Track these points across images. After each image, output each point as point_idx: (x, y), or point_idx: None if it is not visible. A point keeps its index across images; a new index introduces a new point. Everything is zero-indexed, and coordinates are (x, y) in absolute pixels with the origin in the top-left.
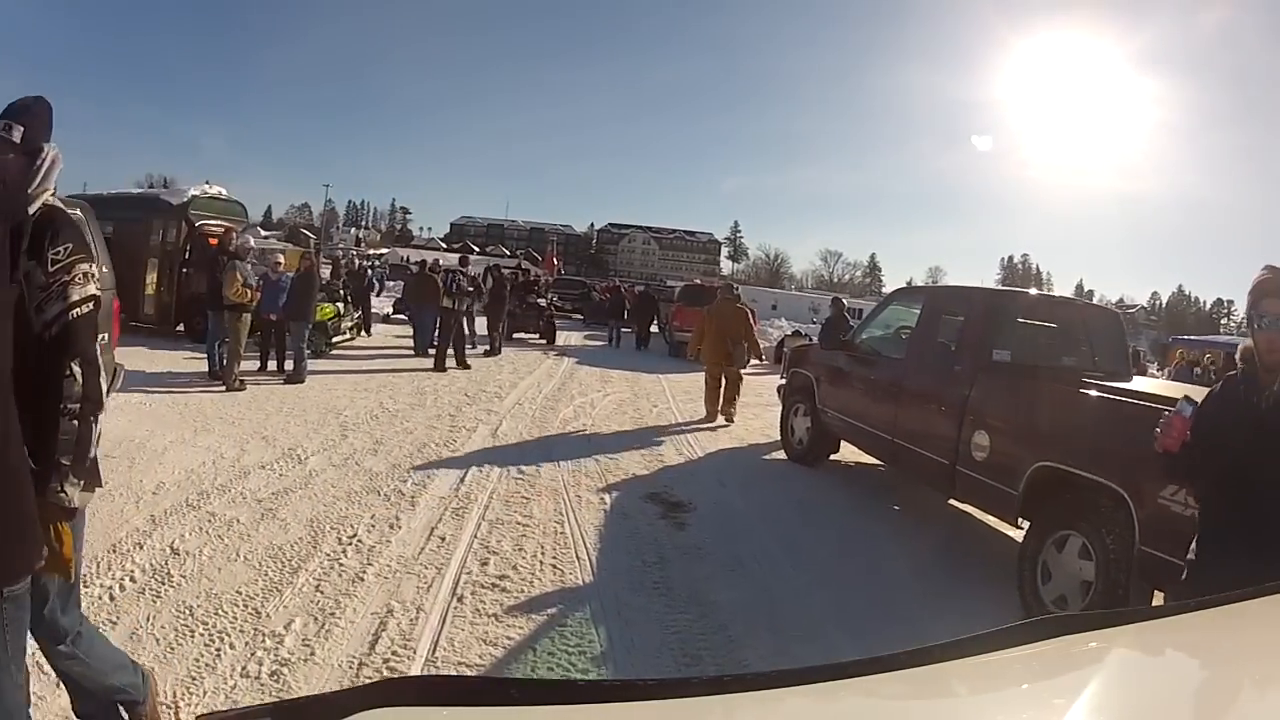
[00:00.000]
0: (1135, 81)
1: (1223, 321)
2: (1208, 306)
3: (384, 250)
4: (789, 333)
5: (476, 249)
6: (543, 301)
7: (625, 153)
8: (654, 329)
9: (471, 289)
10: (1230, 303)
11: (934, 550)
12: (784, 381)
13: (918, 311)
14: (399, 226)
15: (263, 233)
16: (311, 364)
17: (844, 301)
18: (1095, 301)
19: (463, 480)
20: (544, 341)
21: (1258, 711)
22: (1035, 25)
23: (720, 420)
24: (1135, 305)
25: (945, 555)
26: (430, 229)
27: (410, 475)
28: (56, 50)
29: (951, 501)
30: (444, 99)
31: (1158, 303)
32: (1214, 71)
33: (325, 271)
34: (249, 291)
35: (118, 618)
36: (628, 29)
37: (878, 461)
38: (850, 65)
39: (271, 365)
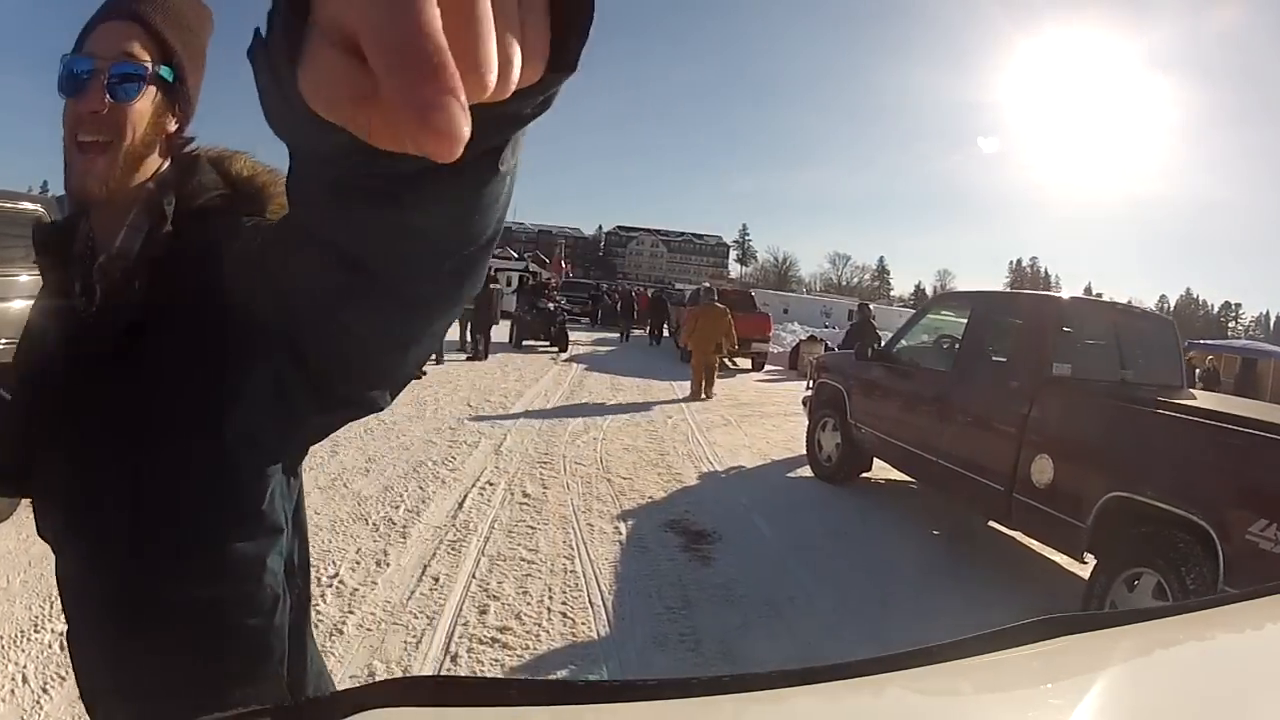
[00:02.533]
0: (1142, 82)
1: (1230, 325)
2: (1215, 310)
3: None
4: (804, 337)
5: None
6: (553, 306)
7: (633, 155)
8: (665, 332)
9: None
10: (1238, 306)
11: (984, 585)
12: (810, 392)
13: (964, 319)
14: None
15: None
16: None
17: (870, 307)
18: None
19: (461, 506)
20: (555, 349)
21: (1258, 711)
22: (1043, 26)
23: (703, 396)
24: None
25: (999, 592)
26: None
27: (403, 500)
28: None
29: (992, 524)
30: None
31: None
32: (1222, 73)
33: None
34: None
35: (66, 674)
36: (636, 32)
37: (909, 478)
38: (857, 67)
39: None
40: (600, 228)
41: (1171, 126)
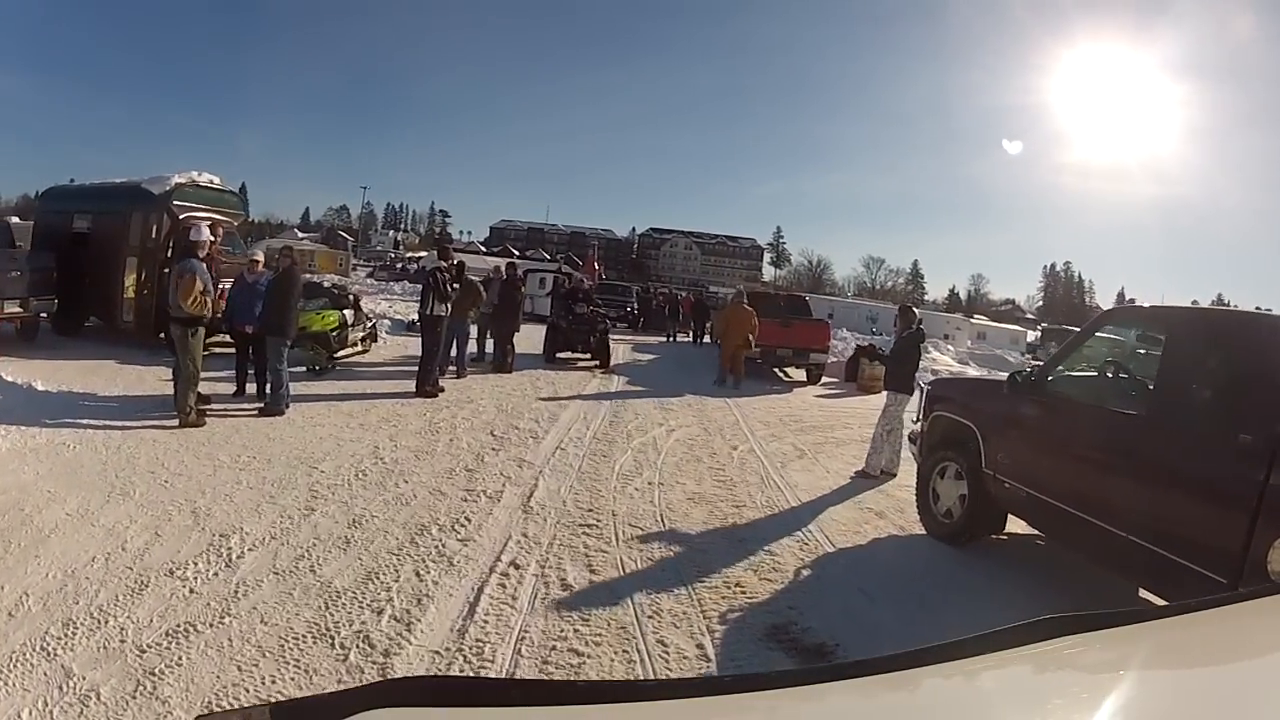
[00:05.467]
0: (1175, 85)
1: None
2: None
3: (423, 254)
4: (863, 345)
5: (517, 252)
6: (592, 311)
7: (666, 156)
8: (706, 335)
9: (453, 287)
10: (1269, 310)
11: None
12: (919, 425)
13: (1157, 345)
14: (438, 230)
15: (299, 234)
16: (307, 385)
17: (915, 311)
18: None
19: (473, 609)
20: (595, 362)
21: (1258, 711)
22: (1072, 29)
23: (730, 380)
24: None
25: None
26: (470, 232)
27: (390, 598)
28: (103, 63)
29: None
30: (482, 102)
31: None
32: (1252, 76)
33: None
34: (208, 301)
35: None
36: (668, 33)
37: (1039, 533)
38: (889, 69)
39: (251, 389)
40: (634, 229)
41: (1201, 129)
